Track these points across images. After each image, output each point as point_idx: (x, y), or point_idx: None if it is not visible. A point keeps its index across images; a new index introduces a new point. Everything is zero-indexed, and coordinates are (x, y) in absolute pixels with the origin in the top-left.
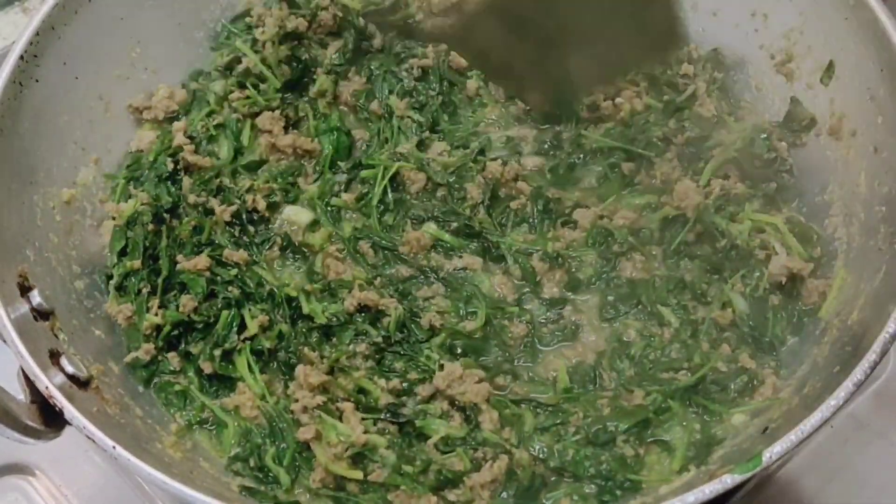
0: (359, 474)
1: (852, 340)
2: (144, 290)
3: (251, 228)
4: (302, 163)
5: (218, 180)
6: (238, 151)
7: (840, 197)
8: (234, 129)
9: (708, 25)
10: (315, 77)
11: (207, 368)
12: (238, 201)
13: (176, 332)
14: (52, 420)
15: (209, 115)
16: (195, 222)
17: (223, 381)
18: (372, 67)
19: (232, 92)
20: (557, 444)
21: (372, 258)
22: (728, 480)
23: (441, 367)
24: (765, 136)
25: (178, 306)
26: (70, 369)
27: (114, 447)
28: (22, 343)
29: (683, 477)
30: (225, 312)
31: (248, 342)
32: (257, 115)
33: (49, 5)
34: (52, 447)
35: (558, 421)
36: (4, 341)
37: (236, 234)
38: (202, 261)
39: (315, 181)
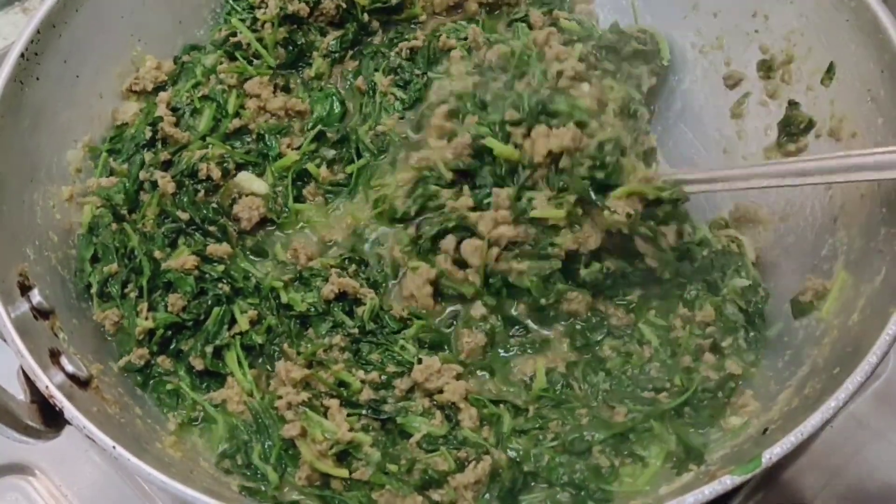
0: (344, 472)
1: (852, 341)
2: (132, 295)
3: (201, 195)
4: (290, 123)
5: (179, 154)
6: (218, 121)
7: (840, 198)
8: (221, 99)
9: (708, 26)
10: (311, 62)
11: (198, 365)
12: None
13: (168, 334)
14: (52, 420)
15: (195, 86)
16: (149, 209)
17: (213, 377)
18: (365, 52)
19: (221, 63)
20: (534, 448)
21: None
22: (728, 481)
23: (419, 360)
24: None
25: (166, 306)
26: (70, 368)
27: (114, 447)
28: (22, 342)
29: (683, 478)
30: (216, 309)
31: (237, 337)
32: (246, 81)
33: (49, 4)
34: (52, 447)
35: (537, 425)
36: (4, 340)
37: (185, 202)
38: (189, 260)
39: (298, 147)
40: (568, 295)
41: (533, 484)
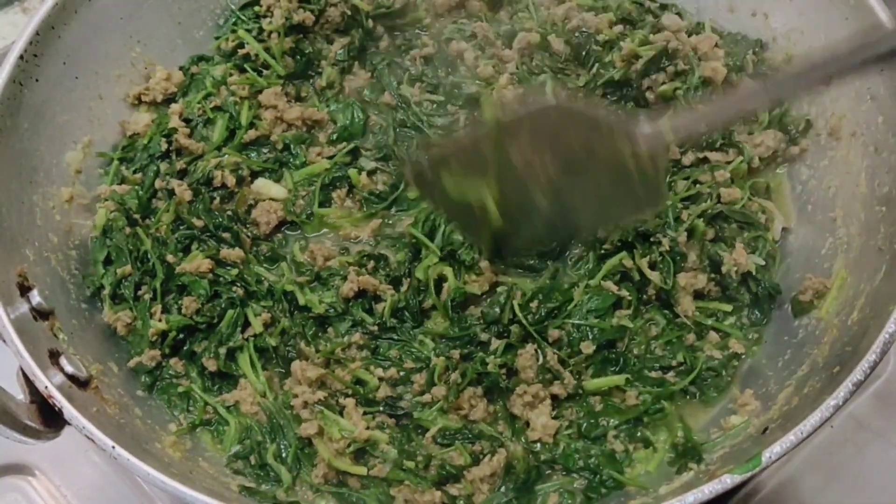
0: (362, 470)
1: (852, 340)
2: (146, 297)
3: (216, 202)
4: (313, 133)
5: (194, 164)
6: (233, 132)
7: (840, 197)
8: (233, 111)
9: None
10: (320, 71)
11: (211, 366)
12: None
13: (180, 336)
14: (52, 420)
15: (206, 97)
16: (165, 215)
17: (226, 379)
18: (375, 62)
19: (231, 75)
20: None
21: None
22: (727, 480)
23: (437, 354)
24: None
25: (180, 309)
26: (69, 369)
27: (113, 447)
28: (21, 343)
29: (683, 477)
30: (230, 312)
31: (251, 339)
32: (258, 93)
33: (49, 5)
34: (51, 447)
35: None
36: (4, 341)
37: (200, 209)
38: (204, 263)
39: (330, 157)
40: None
41: (549, 472)
